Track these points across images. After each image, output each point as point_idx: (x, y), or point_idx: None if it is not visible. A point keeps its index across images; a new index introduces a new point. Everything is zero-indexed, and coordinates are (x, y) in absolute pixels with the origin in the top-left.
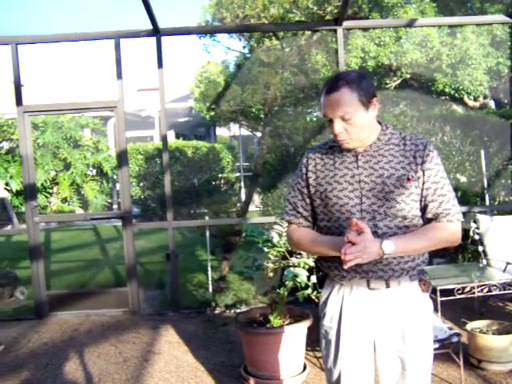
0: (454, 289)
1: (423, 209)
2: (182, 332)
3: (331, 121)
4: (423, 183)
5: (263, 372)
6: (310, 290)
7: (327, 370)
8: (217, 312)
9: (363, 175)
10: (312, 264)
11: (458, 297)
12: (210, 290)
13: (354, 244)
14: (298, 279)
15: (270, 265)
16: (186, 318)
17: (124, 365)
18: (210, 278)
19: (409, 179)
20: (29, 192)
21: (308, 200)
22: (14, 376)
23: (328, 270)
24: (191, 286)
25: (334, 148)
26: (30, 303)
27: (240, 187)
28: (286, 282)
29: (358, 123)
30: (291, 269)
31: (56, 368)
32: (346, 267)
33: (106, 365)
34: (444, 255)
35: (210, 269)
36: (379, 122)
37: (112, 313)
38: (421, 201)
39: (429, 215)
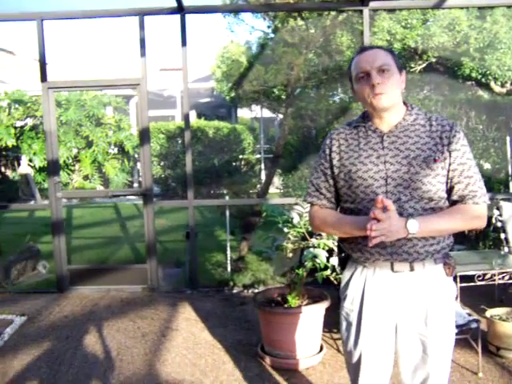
0: (474, 275)
1: (449, 191)
2: (199, 310)
3: (364, 78)
4: (449, 165)
5: (280, 351)
6: (328, 272)
7: (347, 353)
8: (234, 291)
9: (389, 156)
10: (331, 246)
11: (478, 283)
12: (229, 269)
13: (379, 221)
14: (318, 260)
15: (290, 245)
16: (204, 297)
17: (142, 339)
18: (228, 258)
19: (435, 160)
20: (52, 168)
21: (331, 181)
22: (36, 346)
23: (351, 251)
24: (210, 265)
25: (359, 128)
26: (51, 277)
27: (260, 169)
28: (305, 263)
29: (394, 80)
30: (311, 249)
31: (76, 340)
32: (370, 245)
33: (125, 339)
34: (464, 242)
35: (228, 248)
36: (404, 103)
37: (131, 289)
38: (447, 182)
39: (455, 197)
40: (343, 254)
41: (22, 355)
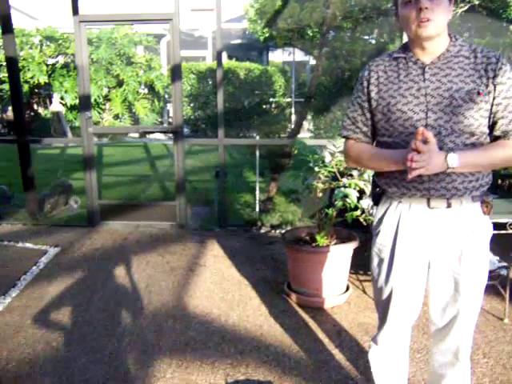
0: (506, 223)
1: (491, 126)
2: (227, 247)
3: (412, 1)
4: (494, 98)
5: (306, 289)
6: (358, 212)
7: (377, 290)
8: (262, 231)
9: (430, 88)
10: (362, 186)
11: (510, 231)
12: (257, 209)
13: (419, 153)
14: (348, 200)
15: (320, 185)
16: (232, 235)
17: (171, 274)
18: (257, 199)
19: (479, 93)
20: (83, 103)
21: (368, 115)
22: (70, 275)
23: (386, 186)
24: (238, 205)
25: (399, 60)
26: (83, 212)
27: (290, 113)
28: (336, 202)
29: (443, 7)
30: (341, 189)
31: (107, 271)
32: (410, 177)
33: (154, 272)
34: (498, 191)
35: (257, 189)
36: (448, 34)
37: (160, 225)
38: (490, 117)
39: (497, 132)
40: (378, 190)
41: (57, 283)
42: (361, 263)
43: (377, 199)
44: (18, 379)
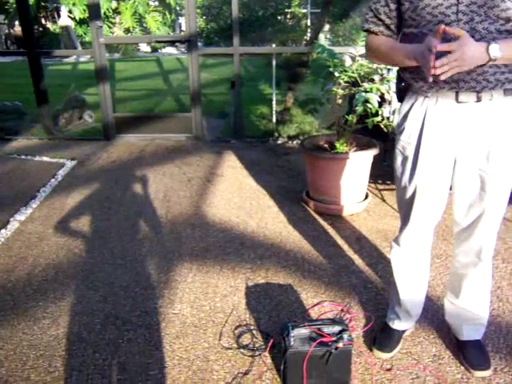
0: None
1: None
2: (244, 158)
3: None
4: None
5: (325, 197)
6: (379, 118)
7: (401, 189)
8: (279, 142)
9: None
10: (384, 91)
11: None
12: (274, 120)
13: (449, 53)
14: (369, 105)
15: (340, 91)
16: (249, 146)
17: (188, 184)
18: (273, 110)
19: None
20: (93, 12)
21: (393, 6)
22: (88, 187)
23: (412, 80)
24: (254, 117)
25: None
26: (98, 126)
27: (306, 24)
28: (356, 108)
29: None
30: (362, 94)
31: (125, 183)
32: (442, 78)
33: (172, 182)
34: None
35: (274, 100)
36: None
37: (176, 137)
38: None
39: None
40: (403, 84)
41: (75, 194)
42: (380, 173)
43: (402, 95)
44: (44, 282)
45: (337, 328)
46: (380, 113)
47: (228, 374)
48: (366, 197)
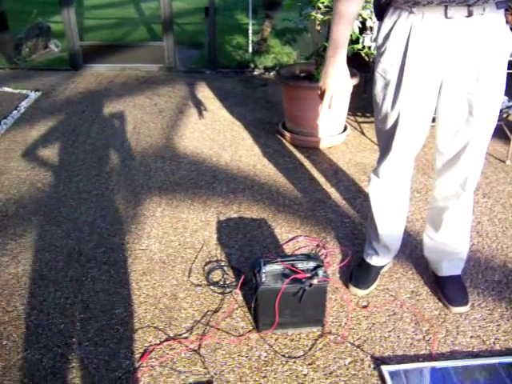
0: None
1: None
2: (218, 89)
3: None
4: None
5: (302, 128)
6: (360, 46)
7: (381, 117)
8: (255, 73)
9: None
10: (365, 16)
11: None
12: (250, 51)
13: None
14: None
15: (319, 16)
16: (224, 77)
17: (159, 115)
18: (250, 39)
19: None
20: None
21: None
22: (53, 119)
23: None
24: (229, 47)
25: None
26: (64, 55)
27: None
28: None
29: None
30: None
31: (92, 114)
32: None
33: (142, 114)
34: None
35: (250, 29)
36: None
37: (147, 68)
38: None
39: None
40: (383, 0)
41: (39, 126)
42: (359, 105)
43: (382, 12)
44: (3, 218)
45: (311, 264)
46: (361, 40)
47: (197, 311)
48: (345, 129)
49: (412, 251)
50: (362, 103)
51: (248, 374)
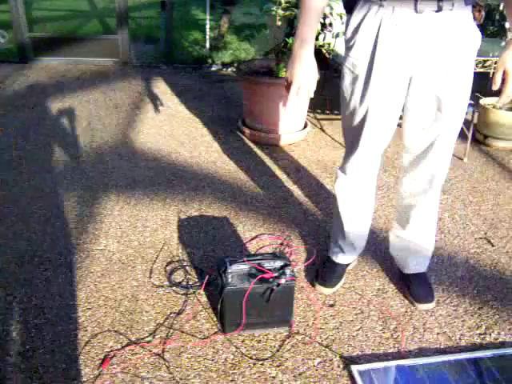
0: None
1: None
2: (175, 85)
3: None
4: None
5: (262, 125)
6: (321, 42)
7: (349, 112)
8: (213, 69)
9: None
10: (327, 13)
11: (477, 70)
12: (207, 46)
13: None
14: None
15: (280, 11)
16: (180, 73)
17: (115, 111)
18: (207, 35)
19: None
20: None
21: None
22: (1, 113)
23: None
24: (186, 43)
25: None
26: (12, 47)
27: None
28: None
29: None
30: None
31: (44, 109)
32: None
33: (96, 109)
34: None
35: (208, 24)
36: None
37: (101, 62)
38: None
39: None
40: None
41: None
42: (318, 102)
43: (351, 5)
44: None
45: (278, 263)
46: (321, 37)
47: (159, 314)
48: (305, 126)
49: (376, 248)
50: (321, 100)
51: (215, 378)
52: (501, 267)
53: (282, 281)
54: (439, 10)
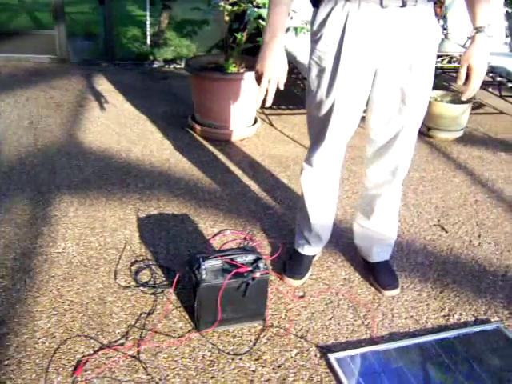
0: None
1: None
2: (118, 82)
3: None
4: None
5: (213, 121)
6: None
7: (315, 104)
8: (155, 66)
9: None
10: None
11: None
12: (148, 43)
13: None
14: (262, 21)
15: (228, 6)
16: (122, 70)
17: (57, 109)
18: (147, 31)
19: None
20: None
21: None
22: None
23: None
24: (126, 39)
25: None
26: None
27: None
28: (248, 26)
29: None
30: (255, 9)
31: None
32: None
33: (37, 108)
34: None
35: (148, 20)
36: None
37: (38, 59)
38: None
39: None
40: None
41: None
42: (266, 97)
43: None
44: None
45: (250, 257)
46: None
47: (130, 315)
48: (256, 121)
49: (338, 239)
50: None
51: (195, 376)
52: (456, 252)
53: (257, 274)
54: (403, 5)
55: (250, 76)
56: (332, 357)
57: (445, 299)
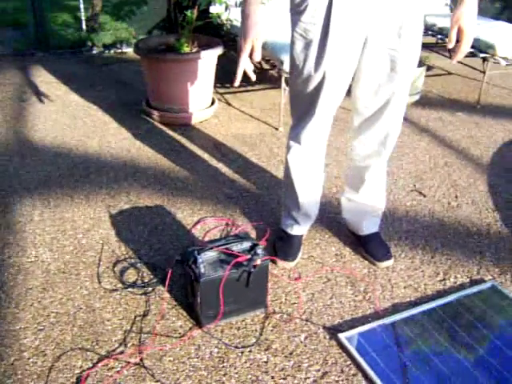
0: None
1: None
2: (57, 72)
3: None
4: None
5: (170, 105)
6: (223, 11)
7: (301, 79)
8: (94, 52)
9: None
10: None
11: None
12: (84, 28)
13: None
14: None
15: None
16: (59, 59)
17: None
18: (82, 16)
19: None
20: None
21: None
22: None
23: None
24: (59, 26)
25: None
26: None
27: None
28: (197, 2)
29: None
30: None
31: None
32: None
33: None
34: None
35: (82, 3)
36: None
37: None
38: None
39: None
40: None
41: None
42: (217, 76)
43: None
44: None
45: (246, 244)
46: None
47: (123, 320)
48: (213, 102)
49: (322, 215)
50: (220, 74)
51: (207, 376)
52: (438, 215)
53: (258, 262)
54: None
55: (206, 55)
56: (342, 336)
57: (437, 264)
